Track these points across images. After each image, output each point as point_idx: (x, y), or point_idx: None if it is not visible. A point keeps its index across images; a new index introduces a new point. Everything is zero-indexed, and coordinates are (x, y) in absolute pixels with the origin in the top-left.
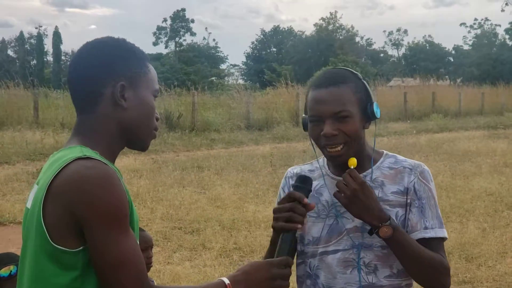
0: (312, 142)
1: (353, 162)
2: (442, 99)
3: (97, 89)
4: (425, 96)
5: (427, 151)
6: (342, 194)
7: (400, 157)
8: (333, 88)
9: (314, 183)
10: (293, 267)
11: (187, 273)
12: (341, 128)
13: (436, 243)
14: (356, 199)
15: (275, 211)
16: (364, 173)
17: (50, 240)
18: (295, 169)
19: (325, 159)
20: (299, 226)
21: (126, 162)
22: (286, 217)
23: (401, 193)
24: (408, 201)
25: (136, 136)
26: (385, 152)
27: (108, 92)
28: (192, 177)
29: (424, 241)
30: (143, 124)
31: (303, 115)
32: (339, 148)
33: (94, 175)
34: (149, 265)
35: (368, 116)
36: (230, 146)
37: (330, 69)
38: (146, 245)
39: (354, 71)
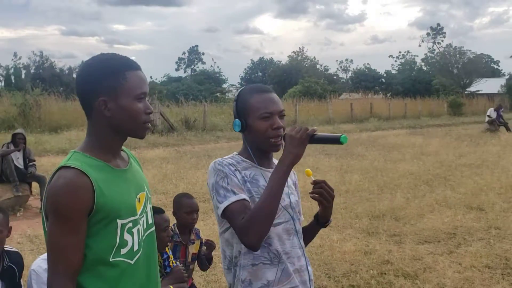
0: (245, 137)
1: (309, 173)
2: (377, 108)
3: (88, 103)
4: (365, 106)
5: (367, 144)
6: (317, 196)
7: None
8: (275, 94)
9: (247, 172)
10: None
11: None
12: (282, 125)
13: None
14: (332, 204)
15: (297, 130)
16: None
17: (44, 219)
18: (226, 160)
19: (241, 156)
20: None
21: (158, 152)
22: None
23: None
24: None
25: (127, 131)
26: None
27: (96, 105)
28: (204, 163)
29: None
30: (128, 124)
31: (237, 119)
32: (280, 140)
33: (59, 184)
34: (193, 224)
35: None
36: (230, 141)
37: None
38: (192, 209)
39: None
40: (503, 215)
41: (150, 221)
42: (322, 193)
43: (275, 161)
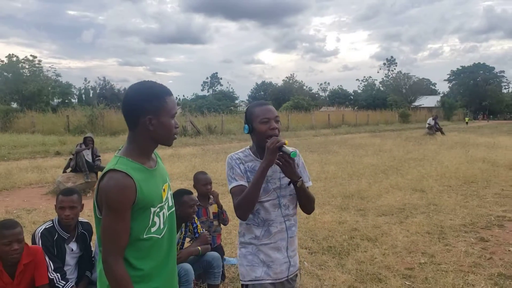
0: (252, 137)
1: (286, 143)
2: (347, 117)
3: (135, 119)
4: (339, 116)
5: (340, 143)
6: (281, 164)
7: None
8: (271, 106)
9: (250, 164)
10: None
11: None
12: (277, 126)
13: (309, 188)
14: (290, 167)
15: (271, 142)
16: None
17: (97, 210)
18: (236, 155)
19: (251, 151)
20: (286, 141)
21: (189, 150)
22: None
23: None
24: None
25: (161, 141)
26: None
27: (142, 121)
28: (222, 157)
29: None
30: (164, 135)
31: (246, 124)
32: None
33: (111, 184)
34: (207, 192)
35: None
36: (240, 142)
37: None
38: (205, 182)
39: None
40: (439, 195)
41: (171, 203)
42: (279, 158)
43: None
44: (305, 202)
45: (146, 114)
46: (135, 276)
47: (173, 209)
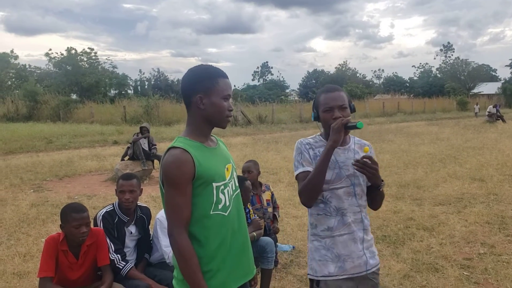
0: (319, 124)
1: (366, 150)
2: (403, 105)
3: (189, 99)
4: (394, 104)
5: (395, 132)
6: (363, 170)
7: (357, 138)
8: (337, 92)
9: (320, 149)
10: None
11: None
12: (342, 114)
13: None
14: (376, 173)
15: (336, 123)
16: (349, 145)
17: (161, 186)
18: (306, 140)
19: (321, 137)
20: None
21: (240, 139)
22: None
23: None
24: None
25: (214, 122)
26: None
27: (194, 100)
28: (272, 147)
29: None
30: (216, 116)
31: (313, 112)
32: None
33: (169, 160)
34: (253, 177)
35: (351, 110)
36: (291, 131)
37: (330, 84)
38: (244, 170)
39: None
40: (499, 184)
41: (236, 184)
42: (364, 167)
43: (351, 138)
44: (379, 200)
45: (197, 93)
46: (205, 257)
47: (238, 191)
